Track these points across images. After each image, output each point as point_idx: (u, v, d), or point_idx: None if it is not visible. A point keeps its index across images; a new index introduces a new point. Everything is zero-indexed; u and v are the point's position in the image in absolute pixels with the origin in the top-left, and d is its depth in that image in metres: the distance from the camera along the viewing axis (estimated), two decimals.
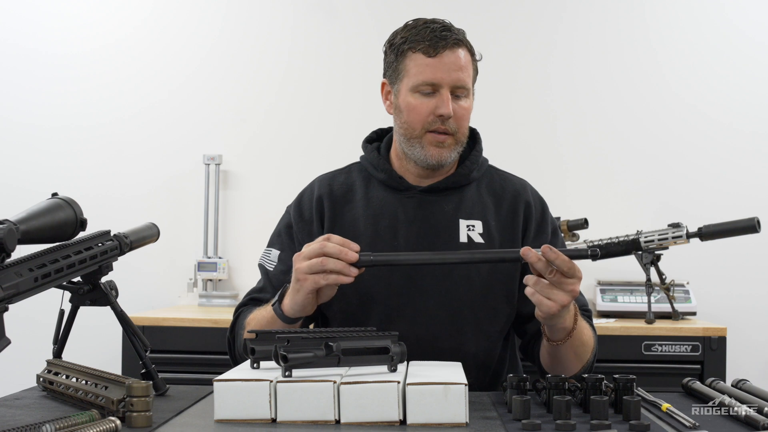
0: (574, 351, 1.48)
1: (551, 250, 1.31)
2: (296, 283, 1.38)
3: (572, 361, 1.51)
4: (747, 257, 3.14)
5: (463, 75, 1.54)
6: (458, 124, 1.56)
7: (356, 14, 3.32)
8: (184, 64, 3.33)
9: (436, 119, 1.54)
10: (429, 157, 1.57)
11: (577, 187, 3.23)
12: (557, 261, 1.31)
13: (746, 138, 3.20)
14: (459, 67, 1.54)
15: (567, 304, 1.34)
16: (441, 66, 1.53)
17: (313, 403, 1.10)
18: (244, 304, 1.65)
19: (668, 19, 3.25)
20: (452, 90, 1.54)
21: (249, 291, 1.68)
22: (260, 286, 1.66)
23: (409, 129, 1.57)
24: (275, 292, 1.58)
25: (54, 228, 1.20)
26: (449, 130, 1.55)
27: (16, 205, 1.38)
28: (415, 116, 1.56)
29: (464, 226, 1.60)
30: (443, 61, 1.53)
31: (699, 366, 2.61)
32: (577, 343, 1.48)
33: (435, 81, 1.53)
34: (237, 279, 3.29)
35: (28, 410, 1.23)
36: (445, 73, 1.53)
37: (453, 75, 1.53)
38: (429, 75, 1.54)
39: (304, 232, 1.64)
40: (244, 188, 3.32)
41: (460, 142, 1.59)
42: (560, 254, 1.31)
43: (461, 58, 1.55)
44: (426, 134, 1.56)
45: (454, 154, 1.59)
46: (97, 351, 2.84)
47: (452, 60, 1.53)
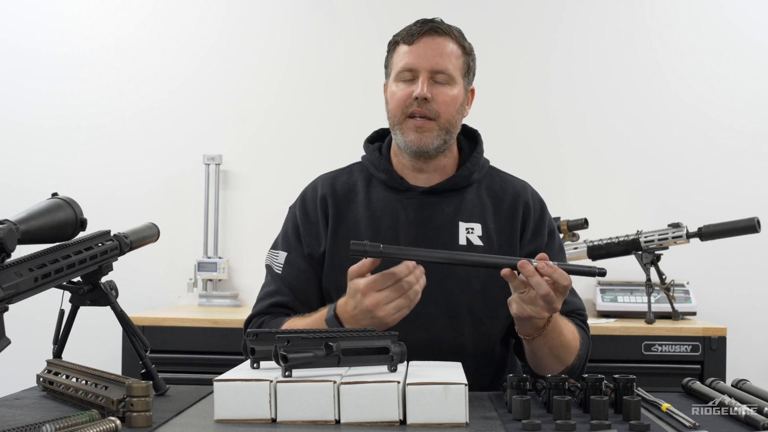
0: (549, 349, 1.49)
1: (548, 266, 1.33)
2: (374, 320, 1.36)
3: (549, 360, 1.51)
4: (747, 257, 3.13)
5: (442, 60, 1.56)
6: (440, 110, 1.56)
7: (356, 14, 3.32)
8: (184, 64, 3.33)
9: (413, 102, 1.55)
10: (409, 142, 1.57)
11: (577, 187, 3.23)
12: (555, 275, 1.33)
13: (746, 138, 3.20)
14: (438, 54, 1.56)
15: (544, 317, 1.37)
16: (417, 51, 1.56)
17: (313, 403, 1.10)
18: (264, 312, 1.62)
19: (668, 19, 3.25)
20: (431, 75, 1.56)
21: (261, 295, 1.64)
22: (273, 289, 1.63)
23: (392, 116, 1.60)
24: (293, 294, 1.59)
25: (54, 228, 1.20)
26: (429, 114, 1.56)
27: (16, 205, 1.38)
28: (395, 102, 1.58)
29: (463, 228, 1.60)
30: (420, 46, 1.56)
31: (699, 366, 2.61)
32: (554, 342, 1.48)
33: (412, 66, 1.56)
34: (237, 279, 3.28)
35: (28, 410, 1.23)
36: (422, 58, 1.56)
37: (430, 60, 1.55)
38: (406, 61, 1.57)
39: (311, 233, 1.64)
40: (244, 188, 3.32)
41: (444, 128, 1.58)
42: (557, 269, 1.33)
43: (441, 46, 1.57)
44: (406, 120, 1.57)
45: (438, 142, 1.58)
46: (97, 351, 2.84)
47: (430, 46, 1.56)
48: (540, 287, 1.32)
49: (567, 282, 1.34)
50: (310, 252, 1.63)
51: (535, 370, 1.56)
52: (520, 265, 1.33)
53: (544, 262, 1.33)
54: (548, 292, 1.32)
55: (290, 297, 1.60)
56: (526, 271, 1.32)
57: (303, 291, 1.61)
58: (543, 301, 1.34)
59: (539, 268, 1.32)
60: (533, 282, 1.33)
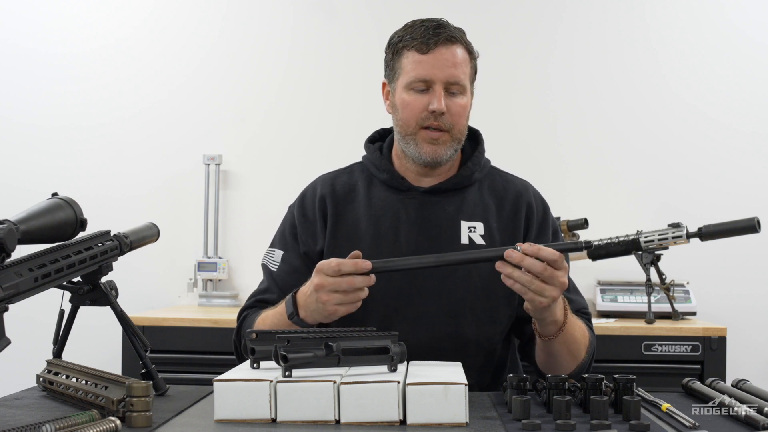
0: (566, 347, 1.48)
1: (531, 245, 1.32)
2: (324, 310, 1.37)
3: (566, 358, 1.50)
4: (747, 257, 3.13)
5: (456, 71, 1.54)
6: (453, 121, 1.56)
7: (356, 14, 3.32)
8: (184, 64, 3.33)
9: (429, 115, 1.54)
10: (424, 154, 1.57)
11: (577, 187, 3.23)
12: (541, 253, 1.32)
13: (746, 138, 3.20)
14: (452, 64, 1.54)
15: (557, 297, 1.35)
16: (433, 62, 1.54)
17: (313, 403, 1.10)
18: (249, 306, 1.65)
19: (668, 19, 3.25)
20: (446, 87, 1.54)
21: (253, 292, 1.67)
22: (264, 287, 1.65)
23: (404, 126, 1.58)
24: (280, 293, 1.58)
25: (54, 228, 1.20)
26: (443, 127, 1.55)
27: (16, 205, 1.38)
28: (409, 113, 1.56)
29: (465, 227, 1.60)
30: (436, 57, 1.54)
31: (699, 366, 2.61)
32: (569, 339, 1.48)
33: (428, 77, 1.54)
34: (237, 279, 3.29)
35: (28, 410, 1.23)
36: (437, 69, 1.53)
37: (446, 71, 1.54)
38: (421, 71, 1.54)
39: (308, 232, 1.64)
40: (244, 188, 3.32)
41: (457, 139, 1.58)
42: (542, 247, 1.32)
43: (455, 55, 1.55)
44: (420, 131, 1.56)
45: (450, 152, 1.58)
46: (97, 351, 2.84)
47: (445, 56, 1.54)
48: (534, 266, 1.31)
49: (555, 256, 1.32)
50: (306, 251, 1.63)
51: (545, 371, 1.55)
52: (507, 255, 1.32)
53: (528, 244, 1.33)
54: (544, 267, 1.31)
55: (277, 294, 1.61)
56: (514, 258, 1.32)
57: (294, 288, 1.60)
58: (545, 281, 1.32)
59: (524, 250, 1.32)
60: (526, 265, 1.32)
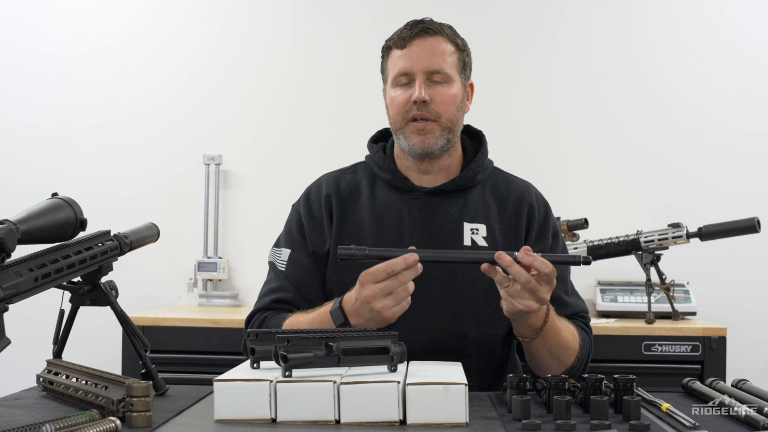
0: (548, 350, 1.49)
1: (527, 255, 1.32)
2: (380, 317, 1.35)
3: (548, 361, 1.51)
4: (747, 257, 3.13)
5: (436, 60, 1.56)
6: (440, 110, 1.56)
7: (356, 15, 3.32)
8: (184, 64, 3.33)
9: (413, 106, 1.56)
10: (413, 145, 1.58)
11: (577, 187, 3.23)
12: (535, 263, 1.32)
13: (746, 138, 3.20)
14: (431, 54, 1.56)
15: (533, 308, 1.35)
16: (410, 54, 1.56)
17: (313, 403, 1.10)
18: (266, 307, 1.61)
19: (668, 19, 3.25)
20: (428, 76, 1.56)
21: (264, 291, 1.64)
22: (276, 286, 1.62)
23: (394, 122, 1.60)
24: (296, 291, 1.58)
25: (54, 228, 1.20)
26: (429, 116, 1.56)
27: (16, 205, 1.38)
28: (396, 107, 1.59)
29: (468, 229, 1.60)
30: (412, 50, 1.57)
31: (699, 366, 2.61)
32: (551, 343, 1.48)
33: (407, 69, 1.56)
34: (237, 279, 3.28)
35: (28, 410, 1.23)
36: (415, 60, 1.56)
37: (424, 61, 1.56)
38: (401, 65, 1.57)
39: (317, 231, 1.63)
40: (244, 188, 3.32)
41: (447, 128, 1.58)
42: (537, 257, 1.32)
43: (433, 46, 1.57)
44: (408, 124, 1.58)
45: (442, 142, 1.58)
46: (97, 351, 2.84)
47: (422, 47, 1.56)
48: (519, 276, 1.32)
49: (548, 269, 1.32)
50: (314, 250, 1.63)
51: (534, 371, 1.56)
52: (497, 257, 1.32)
53: (524, 252, 1.33)
54: (529, 279, 1.31)
55: (293, 293, 1.60)
56: (504, 261, 1.32)
57: (306, 288, 1.61)
58: (527, 291, 1.33)
59: (519, 259, 1.32)
60: (513, 272, 1.32)
